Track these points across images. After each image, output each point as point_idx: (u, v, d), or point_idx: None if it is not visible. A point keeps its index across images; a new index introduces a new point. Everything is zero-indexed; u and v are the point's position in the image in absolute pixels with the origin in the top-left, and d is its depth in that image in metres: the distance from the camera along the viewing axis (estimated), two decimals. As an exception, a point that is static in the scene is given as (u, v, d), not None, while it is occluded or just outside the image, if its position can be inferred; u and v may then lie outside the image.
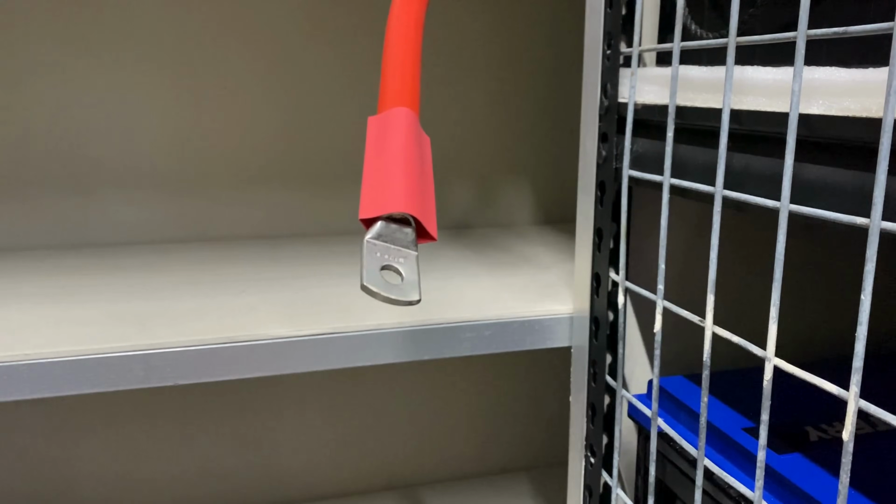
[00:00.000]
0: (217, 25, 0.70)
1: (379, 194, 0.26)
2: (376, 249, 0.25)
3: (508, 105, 0.79)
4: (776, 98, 0.29)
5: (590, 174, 0.44)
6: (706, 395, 0.32)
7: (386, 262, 0.24)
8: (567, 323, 0.50)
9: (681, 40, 0.33)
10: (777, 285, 0.27)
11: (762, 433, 0.28)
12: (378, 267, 0.24)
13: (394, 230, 0.25)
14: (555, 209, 0.83)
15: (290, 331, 0.46)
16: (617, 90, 0.41)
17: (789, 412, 0.40)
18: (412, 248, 0.25)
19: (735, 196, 0.30)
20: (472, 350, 0.49)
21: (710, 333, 0.31)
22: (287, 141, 0.74)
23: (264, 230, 0.75)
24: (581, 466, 0.48)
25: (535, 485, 0.85)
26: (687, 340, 0.44)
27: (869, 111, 0.24)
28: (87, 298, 0.54)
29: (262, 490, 0.81)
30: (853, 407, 0.24)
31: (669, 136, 0.33)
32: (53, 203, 0.70)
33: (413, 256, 0.25)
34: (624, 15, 0.41)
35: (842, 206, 0.26)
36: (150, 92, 0.70)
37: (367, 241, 0.25)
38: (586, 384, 0.47)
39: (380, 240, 0.25)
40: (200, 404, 0.77)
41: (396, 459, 0.84)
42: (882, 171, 0.22)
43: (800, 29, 0.25)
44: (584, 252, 0.46)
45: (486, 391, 0.86)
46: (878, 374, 0.43)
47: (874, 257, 0.23)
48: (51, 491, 0.75)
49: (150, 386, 0.44)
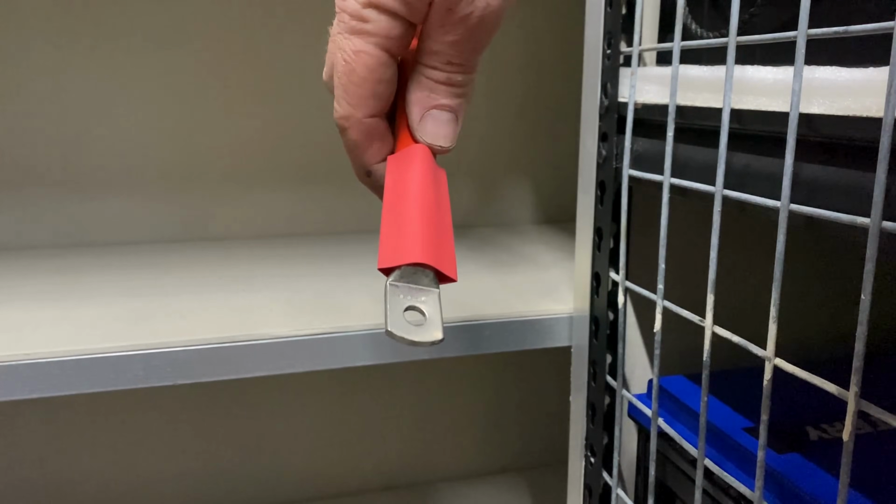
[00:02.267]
0: (217, 25, 0.70)
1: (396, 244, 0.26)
2: (399, 292, 0.25)
3: (509, 104, 0.79)
4: (776, 97, 0.29)
5: (590, 174, 0.44)
6: (706, 395, 0.32)
7: (409, 304, 0.25)
8: (567, 323, 0.50)
9: (681, 40, 0.33)
10: (777, 285, 0.27)
11: (762, 433, 0.28)
12: (402, 309, 0.25)
13: (414, 271, 0.26)
14: (555, 209, 0.83)
15: (290, 331, 0.46)
16: (617, 89, 0.41)
17: (789, 412, 0.40)
18: (434, 285, 0.26)
19: (735, 196, 0.30)
20: (471, 349, 0.49)
21: (710, 333, 0.31)
22: (287, 141, 0.74)
23: (264, 230, 0.75)
24: (581, 466, 0.48)
25: (535, 485, 0.85)
26: (687, 340, 0.44)
27: (869, 111, 0.24)
28: (87, 298, 0.54)
29: (262, 490, 0.81)
30: (853, 407, 0.24)
31: (670, 135, 0.33)
32: (53, 203, 0.70)
33: (435, 294, 0.26)
34: (624, 14, 0.41)
35: (842, 205, 0.26)
36: (149, 92, 0.70)
37: (390, 284, 0.25)
38: (586, 384, 0.47)
39: (401, 281, 0.25)
40: (200, 404, 0.77)
41: (396, 459, 0.84)
42: (882, 170, 0.22)
43: (800, 28, 0.25)
44: (584, 252, 0.46)
45: (486, 391, 0.86)
46: (879, 374, 0.43)
47: (874, 257, 0.23)
48: (50, 491, 0.75)
49: (150, 386, 0.44)
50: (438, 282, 0.26)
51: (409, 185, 0.28)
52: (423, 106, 0.30)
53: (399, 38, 0.27)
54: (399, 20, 0.27)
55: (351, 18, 0.27)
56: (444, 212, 0.29)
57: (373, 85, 0.28)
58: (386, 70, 0.28)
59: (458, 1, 0.27)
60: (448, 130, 0.31)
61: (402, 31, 0.27)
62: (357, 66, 0.28)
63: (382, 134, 0.30)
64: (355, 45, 0.27)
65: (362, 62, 0.28)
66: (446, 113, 0.30)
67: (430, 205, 0.28)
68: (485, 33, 0.28)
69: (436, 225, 0.27)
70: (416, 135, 0.30)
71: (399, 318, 0.24)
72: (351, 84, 0.28)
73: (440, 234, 0.27)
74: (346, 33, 0.28)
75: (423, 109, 0.30)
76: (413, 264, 0.25)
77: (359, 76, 0.28)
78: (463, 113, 0.31)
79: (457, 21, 0.27)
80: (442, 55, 0.28)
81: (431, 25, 0.28)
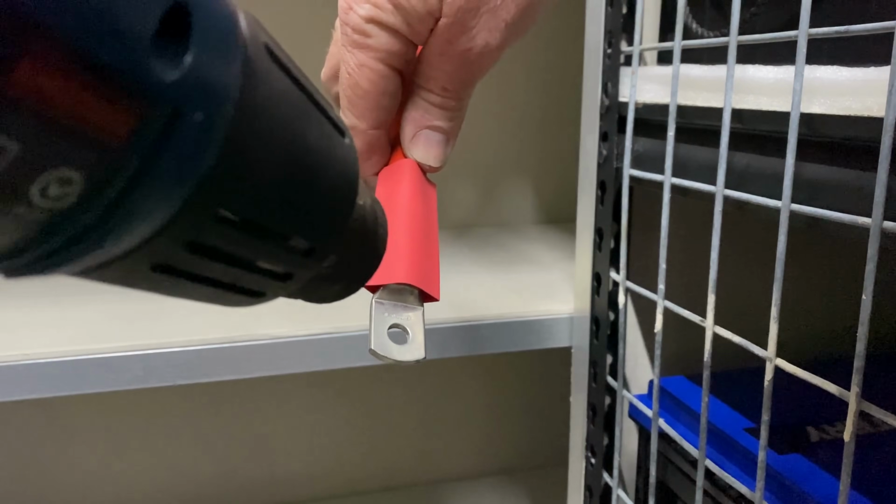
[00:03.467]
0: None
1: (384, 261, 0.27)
2: (384, 309, 0.25)
3: (509, 104, 0.79)
4: (777, 97, 0.29)
5: (590, 173, 0.44)
6: (707, 395, 0.32)
7: (393, 322, 0.25)
8: (567, 323, 0.50)
9: (682, 39, 0.33)
10: (778, 285, 0.27)
11: (763, 433, 0.28)
12: (386, 327, 0.25)
13: (400, 289, 0.26)
14: (555, 208, 0.83)
15: (290, 331, 0.46)
16: (618, 89, 0.41)
17: (790, 412, 0.40)
18: (418, 303, 0.26)
19: (736, 195, 0.30)
20: (471, 350, 0.49)
21: (711, 333, 0.31)
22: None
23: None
24: (581, 466, 0.48)
25: (535, 485, 0.85)
26: (687, 340, 0.44)
27: (870, 110, 0.24)
28: (87, 298, 0.54)
29: (262, 490, 0.81)
30: (854, 407, 0.24)
31: (670, 135, 0.33)
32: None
33: (419, 312, 0.26)
34: (625, 14, 0.40)
35: (843, 205, 0.25)
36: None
37: (375, 301, 0.25)
38: (587, 384, 0.47)
39: (387, 299, 0.26)
40: (200, 404, 0.77)
41: (396, 459, 0.84)
42: (883, 170, 0.22)
43: (801, 28, 0.25)
44: (585, 252, 0.46)
45: (486, 391, 0.86)
46: (879, 374, 0.43)
47: (875, 257, 0.23)
48: (49, 491, 0.75)
49: (150, 386, 0.44)
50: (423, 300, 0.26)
51: (398, 201, 0.29)
52: (417, 125, 0.30)
53: (400, 54, 0.28)
54: (400, 38, 0.27)
55: (353, 32, 0.27)
56: (431, 229, 0.29)
57: (376, 98, 0.29)
58: (389, 83, 0.28)
59: (459, 35, 0.27)
60: (438, 151, 0.31)
61: (404, 48, 0.28)
62: (360, 80, 0.28)
63: (383, 147, 0.31)
64: (358, 59, 0.28)
65: (365, 76, 0.28)
66: (438, 134, 0.31)
67: (418, 222, 0.28)
68: (480, 68, 0.29)
69: (423, 243, 0.28)
70: (407, 152, 0.31)
71: (383, 336, 0.25)
72: (355, 96, 0.29)
73: (427, 253, 0.28)
74: (348, 46, 0.28)
75: (417, 128, 0.30)
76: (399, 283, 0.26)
77: (362, 89, 0.28)
78: (455, 136, 0.32)
79: (455, 53, 0.28)
80: (438, 81, 0.29)
81: (431, 52, 0.28)
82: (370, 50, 0.27)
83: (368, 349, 0.24)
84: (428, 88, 0.29)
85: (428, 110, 0.30)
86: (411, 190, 0.29)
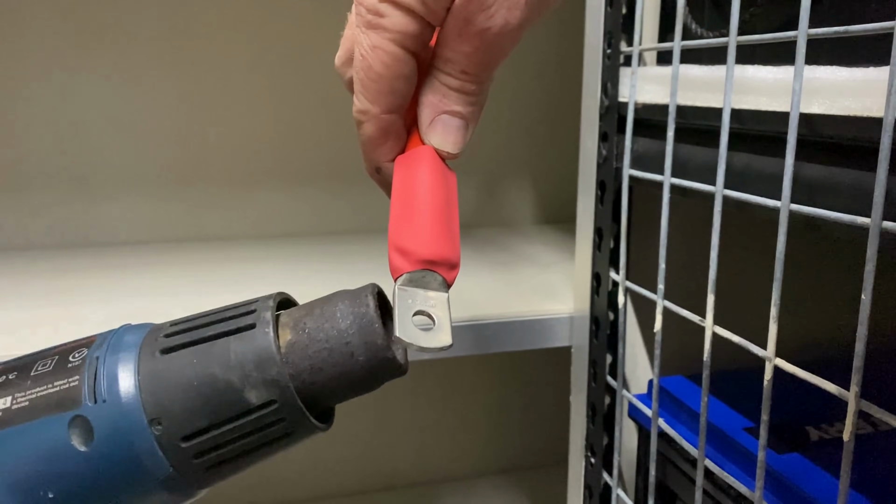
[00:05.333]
0: (217, 25, 0.70)
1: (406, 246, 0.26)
2: (407, 296, 0.25)
3: (509, 104, 0.79)
4: (777, 97, 0.29)
5: (590, 174, 0.44)
6: (706, 395, 0.32)
7: (418, 308, 0.24)
8: (567, 323, 0.50)
9: (681, 39, 0.33)
10: (777, 285, 0.27)
11: (762, 433, 0.28)
12: (411, 315, 0.24)
13: (423, 274, 0.25)
14: (555, 208, 0.83)
15: (289, 330, 0.46)
16: (617, 89, 0.41)
17: (790, 412, 0.40)
18: (443, 289, 0.25)
19: (736, 195, 0.30)
20: (471, 350, 0.49)
21: (711, 333, 0.31)
22: (287, 141, 0.74)
23: (264, 230, 0.75)
24: (581, 466, 0.48)
25: (535, 485, 0.85)
26: (687, 340, 0.44)
27: (870, 110, 0.24)
28: (87, 298, 0.54)
29: (263, 490, 0.81)
30: (854, 407, 0.24)
31: (670, 135, 0.33)
32: (53, 203, 0.70)
33: (444, 298, 0.25)
34: (624, 14, 0.41)
35: (842, 205, 0.26)
36: (149, 92, 0.70)
37: (399, 287, 0.25)
38: (586, 384, 0.47)
39: (410, 285, 0.25)
40: (200, 404, 0.77)
41: (397, 459, 0.84)
42: (882, 170, 0.22)
43: (800, 28, 0.25)
44: (585, 252, 0.46)
45: (487, 391, 0.86)
46: (879, 374, 0.43)
47: (875, 257, 0.23)
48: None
49: (150, 386, 0.44)
50: (447, 286, 0.26)
51: (418, 188, 0.28)
52: (435, 110, 0.29)
53: (416, 35, 0.27)
54: (416, 18, 0.26)
55: (367, 12, 0.26)
56: (452, 215, 0.28)
57: (390, 81, 0.27)
58: (404, 67, 0.27)
59: (477, 13, 0.26)
60: (457, 137, 0.30)
61: (420, 29, 0.27)
62: (374, 63, 0.27)
63: (398, 132, 0.30)
64: (372, 41, 0.27)
65: (378, 58, 0.27)
66: (457, 119, 0.30)
67: (440, 208, 0.27)
68: (501, 49, 0.28)
69: (446, 228, 0.27)
70: (425, 138, 0.30)
71: (408, 322, 0.24)
72: (368, 79, 0.28)
73: (450, 239, 0.27)
74: (362, 27, 0.27)
75: (434, 113, 0.29)
76: (422, 268, 0.25)
77: (375, 72, 0.27)
78: (475, 121, 0.30)
79: (474, 33, 0.27)
80: (456, 64, 0.28)
81: (448, 33, 0.27)
82: (384, 31, 0.26)
83: (393, 336, 0.23)
84: (446, 72, 0.28)
85: (446, 94, 0.29)
86: (432, 176, 0.28)
